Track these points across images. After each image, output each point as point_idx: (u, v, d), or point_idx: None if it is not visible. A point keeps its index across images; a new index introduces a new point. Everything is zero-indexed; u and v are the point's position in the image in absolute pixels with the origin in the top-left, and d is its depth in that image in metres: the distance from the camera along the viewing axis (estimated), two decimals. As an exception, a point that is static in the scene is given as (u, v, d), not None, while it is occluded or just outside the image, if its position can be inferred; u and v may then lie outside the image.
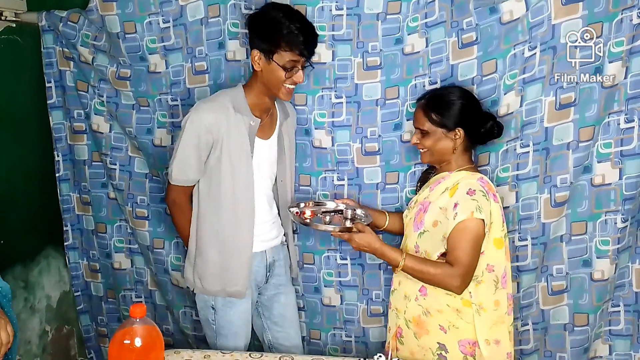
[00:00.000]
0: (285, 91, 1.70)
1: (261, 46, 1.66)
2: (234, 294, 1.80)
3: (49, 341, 2.29)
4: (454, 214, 1.60)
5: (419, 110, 1.72)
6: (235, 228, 1.76)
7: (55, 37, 2.12)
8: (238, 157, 1.72)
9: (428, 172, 1.89)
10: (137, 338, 1.21)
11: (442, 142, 1.69)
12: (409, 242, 1.75)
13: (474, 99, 1.74)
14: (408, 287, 1.72)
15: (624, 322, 1.88)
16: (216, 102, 1.73)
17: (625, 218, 1.82)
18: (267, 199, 1.85)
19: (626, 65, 1.73)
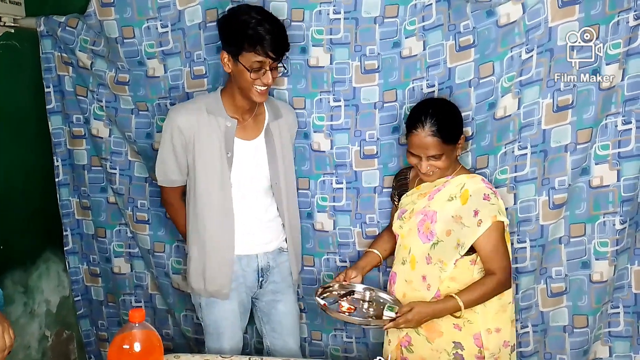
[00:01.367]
0: (257, 92, 1.67)
1: (228, 48, 1.66)
2: (214, 294, 1.82)
3: (49, 346, 2.29)
4: (476, 221, 1.63)
5: (431, 139, 1.64)
6: (214, 229, 1.77)
7: (54, 42, 2.13)
8: (211, 158, 1.73)
9: (402, 176, 1.89)
10: (136, 343, 1.21)
11: (452, 156, 1.71)
12: (416, 253, 1.74)
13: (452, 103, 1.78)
14: (414, 298, 1.71)
15: (624, 323, 1.88)
16: (190, 104, 1.79)
17: (623, 220, 1.82)
18: (255, 201, 1.82)
19: (623, 67, 1.73)
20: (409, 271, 1.76)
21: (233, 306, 1.84)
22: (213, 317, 1.84)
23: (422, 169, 1.70)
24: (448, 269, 1.67)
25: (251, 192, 1.80)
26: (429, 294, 1.69)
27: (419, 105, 1.74)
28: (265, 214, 1.85)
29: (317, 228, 2.06)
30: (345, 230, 2.05)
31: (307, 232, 2.07)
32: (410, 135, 1.68)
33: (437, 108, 1.69)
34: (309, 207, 2.05)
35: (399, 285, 1.78)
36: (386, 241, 1.92)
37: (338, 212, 2.04)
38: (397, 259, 1.82)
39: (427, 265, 1.71)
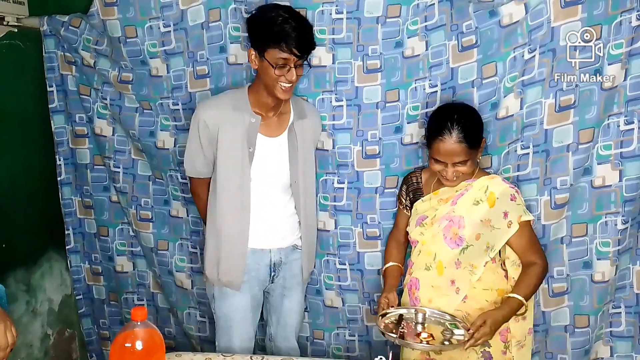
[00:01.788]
0: (281, 89, 1.70)
1: (255, 44, 1.70)
2: (227, 284, 1.84)
3: (51, 345, 2.29)
4: (507, 222, 1.68)
5: (458, 145, 1.64)
6: (231, 221, 1.80)
7: (57, 42, 2.13)
8: (233, 152, 1.77)
9: (413, 180, 1.88)
10: (138, 341, 1.22)
11: (475, 159, 1.72)
12: (444, 259, 1.74)
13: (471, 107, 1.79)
14: (443, 303, 1.72)
15: (625, 323, 1.88)
16: (216, 99, 1.83)
17: (625, 220, 1.81)
18: (274, 197, 1.85)
19: (625, 67, 1.73)
20: (435, 277, 1.75)
21: (245, 299, 1.86)
22: (225, 309, 1.87)
23: (447, 176, 1.70)
24: (478, 271, 1.70)
25: (271, 188, 1.83)
26: (457, 298, 1.71)
27: (441, 112, 1.73)
28: (283, 211, 1.87)
29: (318, 227, 2.07)
30: (346, 230, 2.05)
31: None
32: (435, 142, 1.67)
33: (462, 114, 1.69)
34: None
35: (423, 291, 1.77)
36: (400, 251, 1.93)
37: (339, 211, 2.05)
38: (418, 265, 1.81)
39: (456, 270, 1.72)
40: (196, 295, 2.27)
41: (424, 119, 1.91)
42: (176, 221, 2.24)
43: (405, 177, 1.91)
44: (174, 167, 2.15)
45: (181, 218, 2.23)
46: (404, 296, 1.85)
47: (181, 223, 2.23)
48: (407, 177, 1.91)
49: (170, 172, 2.17)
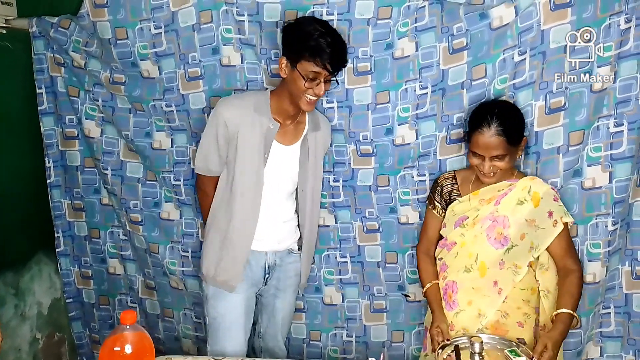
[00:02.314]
0: (306, 101, 1.72)
1: (288, 54, 1.70)
2: (222, 284, 1.84)
3: (40, 349, 2.27)
4: (552, 222, 1.69)
5: (497, 139, 1.66)
6: (238, 223, 1.80)
7: (46, 43, 2.12)
8: (250, 155, 1.77)
9: (447, 182, 1.86)
10: (128, 345, 1.21)
11: (514, 157, 1.73)
12: (487, 260, 1.74)
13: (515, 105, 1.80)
14: (484, 304, 1.72)
15: (615, 323, 1.89)
16: (239, 99, 1.83)
17: (615, 221, 1.82)
18: (280, 202, 1.86)
19: (615, 69, 1.74)
20: (476, 278, 1.75)
21: (238, 300, 1.86)
22: (218, 309, 1.86)
23: (484, 169, 1.71)
24: (522, 272, 1.70)
25: (276, 194, 1.84)
26: (499, 299, 1.71)
27: (483, 106, 1.76)
28: (283, 215, 1.89)
29: (319, 224, 2.07)
30: (346, 224, 2.08)
31: None
32: (474, 135, 1.70)
33: (503, 109, 1.71)
34: None
35: (463, 293, 1.76)
36: (433, 264, 1.89)
37: (338, 207, 2.07)
38: (455, 267, 1.80)
39: (499, 270, 1.73)
40: (191, 296, 2.27)
41: (414, 121, 1.91)
42: (167, 224, 2.23)
43: (437, 179, 1.90)
44: (168, 169, 2.14)
45: (172, 221, 2.22)
46: (446, 299, 1.81)
47: (172, 226, 2.22)
48: (440, 178, 1.90)
49: (163, 173, 2.16)
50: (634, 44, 1.71)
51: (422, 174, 1.97)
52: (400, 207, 2.02)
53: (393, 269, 2.08)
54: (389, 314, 2.13)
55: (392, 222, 2.04)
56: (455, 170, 1.90)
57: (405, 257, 2.06)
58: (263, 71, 1.97)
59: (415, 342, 2.15)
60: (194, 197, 2.14)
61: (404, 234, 2.04)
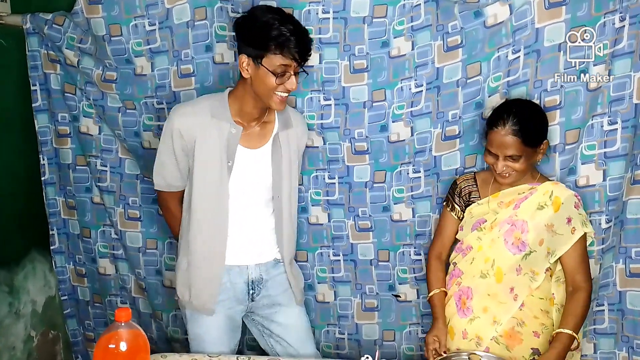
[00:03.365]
0: (278, 100, 1.59)
1: (249, 50, 1.56)
2: (198, 308, 1.73)
3: (34, 347, 2.27)
4: (570, 229, 1.66)
5: (511, 138, 1.62)
6: (205, 240, 1.68)
7: (40, 40, 2.11)
8: (212, 164, 1.64)
9: (466, 184, 1.82)
10: (123, 342, 1.21)
11: (531, 160, 1.68)
12: (503, 265, 1.70)
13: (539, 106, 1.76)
14: (500, 311, 1.70)
15: (608, 321, 1.89)
16: (192, 106, 1.68)
17: (609, 219, 1.83)
18: (253, 212, 1.73)
19: (609, 68, 1.75)
20: (493, 284, 1.72)
21: (218, 321, 1.73)
22: (197, 330, 1.75)
23: (497, 169, 1.67)
24: (539, 278, 1.67)
25: (250, 202, 1.71)
26: (515, 305, 1.68)
27: (503, 104, 1.73)
28: (262, 225, 1.76)
29: (311, 222, 2.08)
30: (339, 222, 2.07)
31: (302, 227, 2.07)
32: (490, 133, 1.67)
33: (521, 108, 1.67)
34: (303, 201, 2.06)
35: (478, 300, 1.73)
36: (443, 271, 1.84)
37: (332, 205, 2.06)
38: (471, 272, 1.76)
39: (516, 276, 1.69)
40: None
41: (409, 118, 1.92)
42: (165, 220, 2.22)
43: (456, 181, 1.86)
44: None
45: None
46: (450, 307, 1.78)
47: (169, 222, 2.22)
48: (460, 180, 1.85)
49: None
50: (627, 43, 1.71)
51: (418, 170, 1.97)
52: (394, 205, 2.02)
53: (385, 267, 2.08)
54: (380, 313, 2.14)
55: (385, 220, 2.04)
56: (475, 172, 1.87)
57: (396, 255, 2.06)
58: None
59: (406, 342, 2.15)
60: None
61: (397, 231, 2.04)
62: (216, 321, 1.74)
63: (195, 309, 1.74)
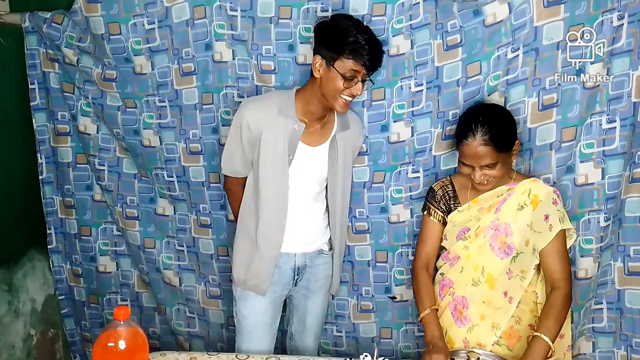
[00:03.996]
0: (342, 103, 1.67)
1: (324, 52, 1.64)
2: (252, 288, 1.82)
3: (34, 345, 2.27)
4: (547, 226, 1.63)
5: (484, 148, 1.60)
6: (267, 226, 1.78)
7: (39, 39, 2.11)
8: (273, 158, 1.74)
9: (445, 189, 1.80)
10: (121, 340, 1.21)
11: (507, 163, 1.67)
12: (494, 271, 1.69)
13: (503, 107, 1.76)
14: (498, 314, 1.68)
15: (607, 319, 1.89)
16: (262, 101, 1.80)
17: (607, 217, 1.84)
18: (307, 203, 1.83)
19: (607, 66, 1.75)
20: (486, 291, 1.71)
21: (265, 305, 1.85)
22: (245, 311, 1.86)
23: (475, 179, 1.65)
24: (529, 276, 1.66)
25: (303, 195, 1.81)
26: (511, 307, 1.67)
27: (467, 113, 1.70)
28: (312, 217, 1.86)
29: None
30: None
31: None
32: (461, 145, 1.64)
33: (488, 115, 1.64)
34: None
35: (474, 308, 1.72)
36: (432, 285, 1.80)
37: None
38: (462, 281, 1.74)
39: (508, 280, 1.68)
40: (184, 292, 2.27)
41: (409, 118, 1.91)
42: (162, 219, 2.23)
43: (433, 187, 1.84)
44: (160, 165, 2.14)
45: (167, 216, 2.23)
46: (446, 317, 1.76)
47: (167, 221, 2.23)
48: (436, 186, 1.83)
49: (155, 170, 2.15)
50: (626, 41, 1.71)
51: (417, 171, 1.97)
52: (392, 206, 2.01)
53: (382, 268, 2.08)
54: (376, 314, 2.14)
55: (383, 222, 2.04)
56: (452, 176, 1.85)
57: (394, 256, 2.06)
58: (253, 67, 1.96)
59: (403, 340, 2.16)
60: (187, 192, 2.14)
61: (395, 232, 2.04)
62: (263, 305, 1.84)
63: (249, 288, 1.83)
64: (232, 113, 2.00)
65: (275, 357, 1.67)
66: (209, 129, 2.04)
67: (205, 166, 2.08)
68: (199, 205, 2.14)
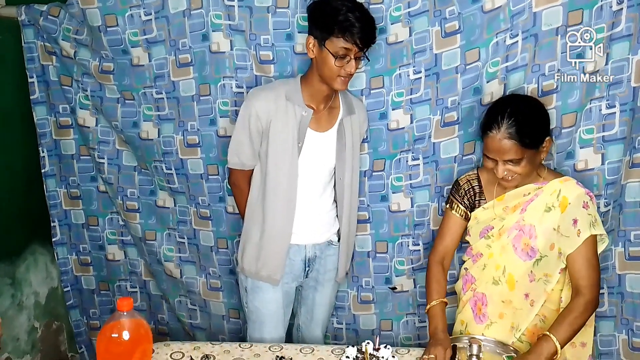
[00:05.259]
0: (340, 81, 1.68)
1: (316, 33, 1.65)
2: (265, 279, 1.83)
3: (38, 337, 2.29)
4: (576, 231, 1.55)
5: (507, 142, 1.52)
6: (277, 215, 1.78)
7: (36, 32, 2.10)
8: (283, 146, 1.74)
9: (470, 184, 1.74)
10: (125, 331, 1.22)
11: (535, 160, 1.58)
12: (515, 272, 1.65)
13: (537, 100, 1.67)
14: (517, 318, 1.65)
15: (608, 304, 1.90)
16: (269, 89, 1.78)
17: (607, 202, 1.84)
18: (316, 193, 1.83)
19: (607, 51, 1.74)
20: (506, 292, 1.68)
21: (277, 295, 1.85)
22: (257, 303, 1.86)
23: (498, 174, 1.58)
24: (553, 280, 1.60)
25: (312, 183, 1.81)
26: (532, 311, 1.63)
27: (496, 104, 1.63)
28: (321, 207, 1.86)
29: None
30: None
31: None
32: (485, 137, 1.58)
33: (516, 107, 1.56)
34: None
35: (493, 307, 1.70)
36: (444, 279, 1.75)
37: None
38: (484, 279, 1.72)
39: (530, 283, 1.63)
40: (185, 284, 2.28)
41: (408, 105, 1.91)
42: (163, 211, 2.24)
43: (459, 181, 1.79)
44: (159, 158, 2.14)
45: (168, 208, 2.23)
46: (467, 312, 1.77)
47: (168, 213, 2.23)
48: (462, 180, 1.77)
49: (155, 163, 2.15)
50: (625, 26, 1.70)
51: (417, 158, 1.97)
52: (392, 194, 2.01)
53: (382, 259, 2.08)
54: (376, 305, 2.15)
55: (383, 211, 2.04)
56: (479, 169, 1.78)
57: (394, 246, 2.06)
58: (252, 57, 1.95)
59: (404, 332, 2.16)
60: (186, 185, 2.14)
61: (395, 222, 2.04)
62: (275, 296, 1.85)
63: (262, 279, 1.83)
64: (229, 104, 2.00)
65: (279, 345, 1.68)
66: (206, 121, 2.04)
67: (204, 158, 2.08)
68: (198, 197, 2.14)
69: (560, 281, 1.63)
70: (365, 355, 1.49)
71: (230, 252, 2.17)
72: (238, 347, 1.65)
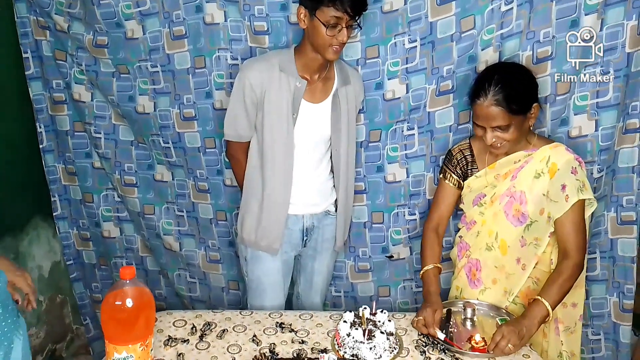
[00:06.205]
0: (332, 50, 1.67)
1: (306, 2, 1.65)
2: (264, 248, 1.86)
3: (43, 311, 2.33)
4: (564, 196, 1.57)
5: (495, 109, 1.55)
6: (274, 186, 1.80)
7: (29, 6, 2.08)
8: (278, 116, 1.74)
9: (463, 153, 1.78)
10: (128, 299, 1.25)
11: (523, 127, 1.60)
12: (507, 238, 1.69)
13: (525, 67, 1.69)
14: (509, 283, 1.69)
15: (600, 267, 1.95)
16: (263, 60, 1.77)
17: (600, 168, 1.86)
18: (313, 164, 1.84)
19: (602, 17, 1.74)
20: (499, 257, 1.72)
21: (277, 264, 1.88)
22: (257, 272, 1.90)
23: (487, 141, 1.61)
24: (543, 244, 1.64)
25: (309, 154, 1.82)
26: (524, 274, 1.67)
27: (484, 72, 1.66)
28: (318, 178, 1.88)
29: None
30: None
31: None
32: (473, 105, 1.61)
33: (504, 74, 1.59)
34: None
35: (486, 272, 1.74)
36: (439, 245, 1.81)
37: None
38: (477, 245, 1.77)
39: (521, 247, 1.68)
40: (185, 257, 2.31)
41: (404, 75, 1.91)
42: (161, 185, 2.25)
43: (451, 151, 1.83)
44: (156, 132, 2.14)
45: (166, 182, 2.24)
46: (462, 278, 1.82)
47: (166, 187, 2.25)
48: (455, 150, 1.81)
49: (152, 136, 2.16)
50: (620, -9, 1.70)
51: (412, 128, 1.97)
52: (388, 164, 2.03)
53: (378, 229, 2.11)
54: (374, 273, 2.18)
55: (379, 182, 2.05)
56: (471, 139, 1.81)
57: (390, 217, 2.08)
58: (247, 29, 1.94)
59: (401, 297, 2.20)
60: (184, 158, 2.15)
61: (391, 192, 2.06)
62: (274, 265, 1.88)
63: (261, 249, 1.86)
64: (225, 76, 1.99)
65: (279, 312, 1.72)
66: (202, 94, 2.04)
67: (200, 131, 2.08)
68: (196, 171, 2.15)
69: (550, 244, 1.67)
70: (362, 319, 1.53)
71: (229, 225, 2.20)
72: (239, 315, 1.69)
